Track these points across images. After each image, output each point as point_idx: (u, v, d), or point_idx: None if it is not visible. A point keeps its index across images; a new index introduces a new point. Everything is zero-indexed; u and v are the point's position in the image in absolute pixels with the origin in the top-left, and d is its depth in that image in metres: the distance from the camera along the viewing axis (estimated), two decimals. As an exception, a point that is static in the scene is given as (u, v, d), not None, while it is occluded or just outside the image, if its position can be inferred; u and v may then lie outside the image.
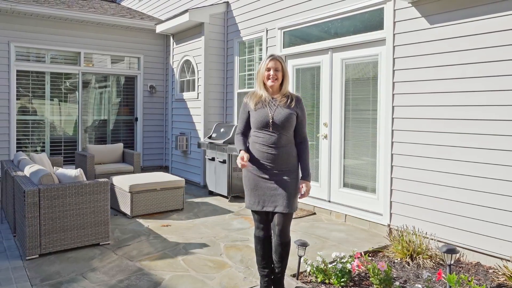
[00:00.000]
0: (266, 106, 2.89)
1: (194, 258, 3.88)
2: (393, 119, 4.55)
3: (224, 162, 6.28)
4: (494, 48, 3.69)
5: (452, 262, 3.15)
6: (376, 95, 4.87)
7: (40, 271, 3.52)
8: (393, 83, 4.53)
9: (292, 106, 2.91)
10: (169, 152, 8.63)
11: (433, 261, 3.74)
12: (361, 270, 3.49)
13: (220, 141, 6.33)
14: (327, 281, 3.30)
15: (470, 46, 3.87)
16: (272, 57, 2.91)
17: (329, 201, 5.48)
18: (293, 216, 3.26)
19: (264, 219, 2.97)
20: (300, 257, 3.39)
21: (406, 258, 3.78)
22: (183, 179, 5.77)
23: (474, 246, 3.84)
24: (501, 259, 3.63)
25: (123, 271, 3.55)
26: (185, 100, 7.87)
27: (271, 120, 2.85)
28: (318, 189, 5.58)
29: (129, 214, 5.24)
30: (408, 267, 3.68)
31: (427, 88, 4.22)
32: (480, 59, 3.80)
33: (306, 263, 3.42)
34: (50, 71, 8.12)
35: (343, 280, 3.24)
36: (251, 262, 3.74)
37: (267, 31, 6.39)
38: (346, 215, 5.14)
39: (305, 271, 3.46)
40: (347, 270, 3.28)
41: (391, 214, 4.56)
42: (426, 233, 4.10)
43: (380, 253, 4.05)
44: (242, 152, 2.89)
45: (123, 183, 5.38)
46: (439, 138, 4.12)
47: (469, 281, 2.99)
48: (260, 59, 6.61)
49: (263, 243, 2.99)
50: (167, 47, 9.21)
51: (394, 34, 4.52)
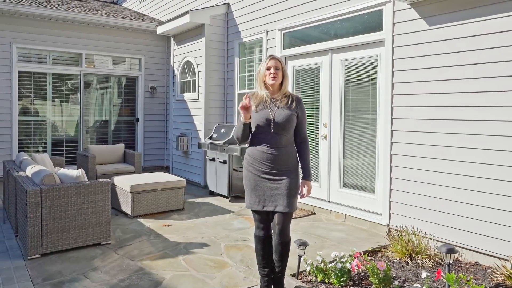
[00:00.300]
0: (267, 107, 2.91)
1: (195, 257, 3.91)
2: (392, 119, 4.57)
3: (224, 162, 6.30)
4: (493, 49, 3.71)
5: (451, 262, 3.16)
6: (376, 96, 4.89)
7: (42, 271, 3.54)
8: (392, 84, 4.56)
9: (293, 107, 2.94)
10: (170, 152, 8.66)
11: (432, 260, 3.76)
12: (361, 270, 3.50)
13: (221, 142, 6.35)
14: (326, 281, 3.32)
15: (469, 47, 3.89)
16: (272, 57, 2.97)
17: (329, 201, 5.51)
18: (293, 216, 3.28)
19: (264, 218, 2.99)
20: (300, 256, 3.41)
21: (405, 257, 3.80)
22: (184, 179, 5.79)
23: (472, 245, 3.86)
24: (500, 258, 3.65)
25: (124, 271, 3.57)
26: (186, 101, 7.90)
27: (272, 121, 2.87)
28: (317, 189, 5.60)
29: (130, 214, 5.27)
30: (407, 266, 3.70)
31: (426, 89, 4.24)
32: (478, 60, 3.82)
33: (306, 262, 3.45)
34: (52, 72, 8.16)
35: (342, 279, 3.26)
36: (252, 262, 3.76)
37: (267, 32, 6.42)
38: (345, 215, 5.16)
39: (305, 270, 3.48)
40: (347, 270, 3.30)
41: (390, 214, 4.59)
42: (425, 233, 4.12)
43: (380, 252, 4.07)
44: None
45: (124, 183, 5.41)
46: (438, 138, 4.14)
47: (467, 280, 3.00)
48: (260, 60, 6.64)
49: (263, 243, 3.01)
50: (168, 48, 9.25)
51: (393, 36, 4.54)
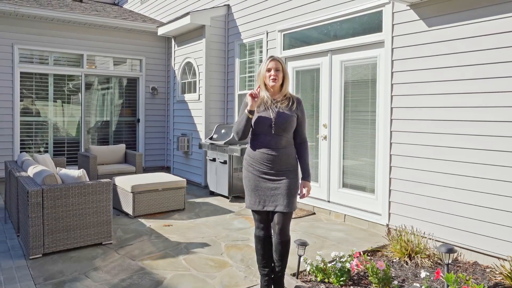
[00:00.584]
0: (268, 109, 2.91)
1: (196, 257, 3.93)
2: (391, 120, 4.59)
3: (225, 162, 6.33)
4: (491, 50, 3.73)
5: (450, 262, 3.17)
6: (375, 96, 4.91)
7: (43, 270, 3.56)
8: (392, 84, 4.58)
9: (293, 109, 2.95)
10: (171, 153, 8.68)
11: (431, 260, 3.77)
12: (360, 269, 3.52)
13: (221, 142, 6.38)
14: (326, 280, 3.34)
15: (468, 48, 3.91)
16: (272, 58, 2.95)
17: (329, 201, 5.53)
18: (293, 216, 3.30)
19: (264, 218, 3.01)
20: (300, 256, 3.43)
21: (405, 257, 3.81)
22: (185, 179, 5.81)
23: (471, 245, 3.88)
24: (498, 258, 3.67)
25: (125, 270, 3.59)
26: (187, 101, 7.92)
27: (273, 122, 2.88)
28: (317, 189, 5.62)
29: (131, 214, 5.30)
30: (407, 266, 3.72)
31: (425, 90, 4.26)
32: (477, 61, 3.84)
33: (306, 262, 3.46)
34: (53, 73, 8.19)
35: (342, 279, 3.28)
36: (252, 261, 3.78)
37: (267, 33, 6.44)
38: (345, 215, 5.18)
39: (305, 270, 3.50)
40: (346, 269, 3.31)
41: (389, 214, 4.61)
42: (424, 233, 4.13)
43: (379, 252, 4.09)
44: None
45: (125, 183, 5.44)
46: (437, 139, 4.16)
47: (466, 280, 3.01)
48: (261, 61, 6.66)
49: (263, 243, 3.02)
50: (168, 49, 9.27)
51: (392, 37, 4.57)
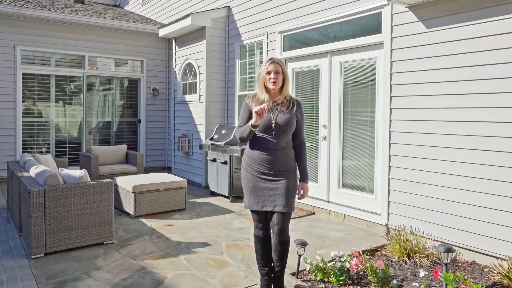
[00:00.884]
0: (268, 111, 2.92)
1: (196, 257, 3.95)
2: (390, 121, 4.62)
3: (225, 163, 6.36)
4: (490, 51, 3.76)
5: (448, 261, 3.20)
6: (374, 97, 4.94)
7: (45, 270, 3.58)
8: (391, 85, 4.61)
9: (293, 111, 2.96)
10: (172, 153, 8.72)
11: (430, 260, 3.80)
12: (360, 269, 3.55)
13: (222, 143, 6.41)
14: (326, 280, 3.36)
15: (466, 49, 3.93)
16: (272, 60, 2.94)
17: (328, 201, 5.55)
18: (293, 216, 3.33)
19: (263, 218, 3.03)
20: (299, 256, 3.45)
21: (404, 257, 3.84)
22: (185, 179, 5.84)
23: (470, 245, 3.90)
24: (496, 258, 3.69)
25: (127, 270, 3.62)
26: (187, 102, 7.96)
27: (274, 125, 2.90)
28: (317, 190, 5.65)
29: (133, 214, 5.33)
30: (406, 265, 3.74)
31: (424, 91, 4.29)
32: (476, 62, 3.86)
33: (306, 261, 3.48)
34: (55, 74, 8.24)
35: (341, 278, 3.30)
36: (252, 261, 3.81)
37: (267, 35, 6.47)
38: (344, 215, 5.21)
39: (305, 269, 3.52)
40: (346, 269, 3.33)
41: (388, 214, 4.63)
42: (423, 233, 4.16)
43: (378, 252, 4.11)
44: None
45: (126, 183, 5.47)
46: (435, 139, 4.19)
47: (465, 279, 3.03)
48: (261, 62, 6.69)
49: (262, 242, 3.04)
50: (169, 50, 9.31)
51: (391, 38, 4.59)
